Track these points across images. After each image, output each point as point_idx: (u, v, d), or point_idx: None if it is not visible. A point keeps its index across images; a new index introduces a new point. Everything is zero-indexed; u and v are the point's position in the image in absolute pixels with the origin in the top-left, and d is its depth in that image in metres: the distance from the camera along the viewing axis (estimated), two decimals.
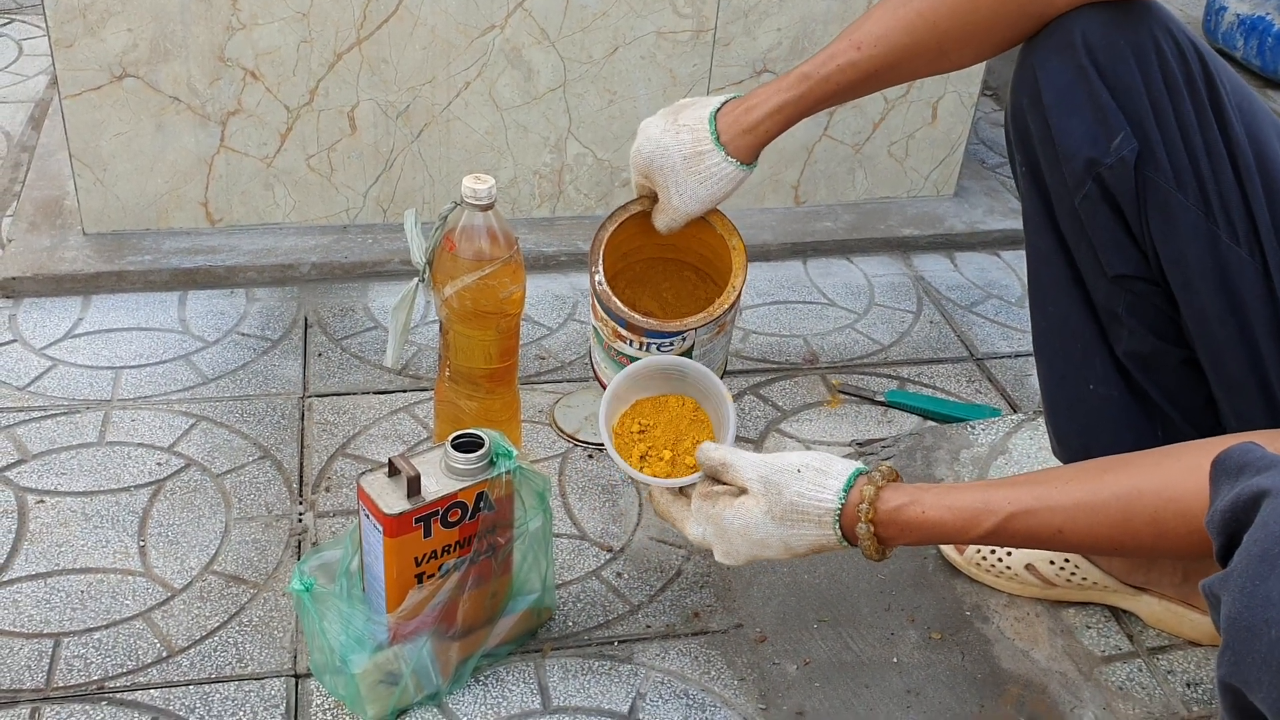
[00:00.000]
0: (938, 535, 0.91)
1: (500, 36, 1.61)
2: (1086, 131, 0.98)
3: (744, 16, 1.67)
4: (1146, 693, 1.13)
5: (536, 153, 1.71)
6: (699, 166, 1.09)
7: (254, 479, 1.30)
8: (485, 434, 1.02)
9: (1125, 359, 1.06)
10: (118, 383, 1.43)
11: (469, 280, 1.16)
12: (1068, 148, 1.00)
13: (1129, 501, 0.84)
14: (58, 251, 1.61)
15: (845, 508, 0.92)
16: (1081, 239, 1.04)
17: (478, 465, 1.00)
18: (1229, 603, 0.60)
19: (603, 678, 1.10)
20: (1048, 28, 1.01)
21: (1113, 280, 1.03)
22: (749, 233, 1.78)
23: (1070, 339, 1.08)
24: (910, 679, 1.12)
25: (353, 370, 1.48)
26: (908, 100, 1.80)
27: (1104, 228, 1.01)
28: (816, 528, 0.93)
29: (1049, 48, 1.00)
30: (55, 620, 1.12)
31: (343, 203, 1.69)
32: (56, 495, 1.26)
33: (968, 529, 0.89)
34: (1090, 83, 0.98)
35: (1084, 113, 0.99)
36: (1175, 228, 0.97)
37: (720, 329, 1.19)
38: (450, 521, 1.00)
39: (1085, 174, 0.99)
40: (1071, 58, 0.98)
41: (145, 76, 1.54)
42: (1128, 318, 1.04)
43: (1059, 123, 1.00)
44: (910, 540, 0.92)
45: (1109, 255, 1.02)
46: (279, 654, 1.10)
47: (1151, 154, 0.97)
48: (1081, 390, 1.09)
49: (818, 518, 0.93)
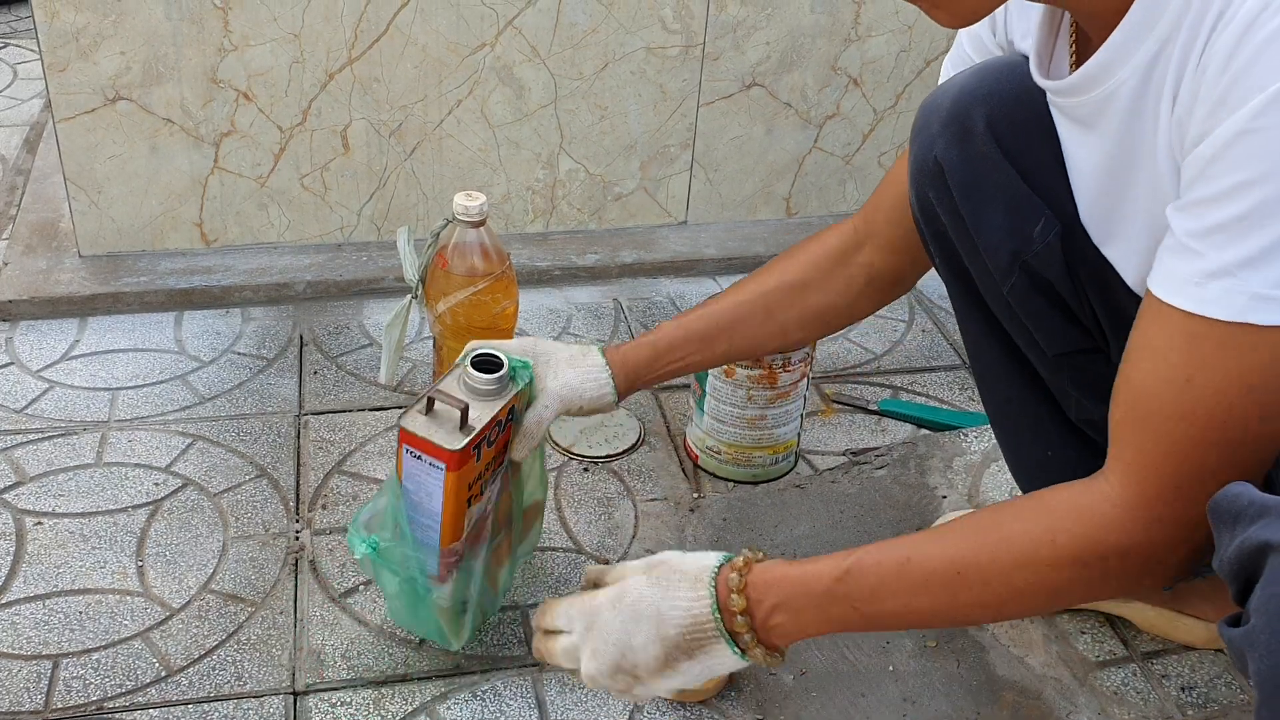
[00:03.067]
0: (795, 591, 0.83)
1: (491, 54, 1.62)
2: (1006, 223, 0.94)
3: (732, 31, 1.69)
4: (1141, 697, 1.13)
5: (529, 169, 1.72)
6: (580, 362, 1.07)
7: (251, 498, 1.30)
8: (497, 349, 1.03)
9: (1078, 423, 1.05)
10: (114, 404, 1.44)
11: (462, 296, 1.17)
12: (989, 242, 0.96)
13: (994, 512, 0.84)
14: (53, 274, 1.62)
15: (721, 568, 0.86)
16: (1015, 322, 1.01)
17: (503, 383, 1.01)
18: (1257, 660, 0.62)
19: (600, 692, 1.10)
20: (943, 111, 0.97)
21: (1054, 358, 1.01)
22: (741, 244, 1.80)
23: (1020, 414, 1.07)
24: (906, 687, 1.13)
25: (348, 387, 1.49)
26: (897, 111, 1.81)
27: (1040, 313, 0.98)
28: (691, 589, 0.85)
29: (949, 137, 0.96)
30: (54, 641, 1.13)
31: (337, 221, 1.70)
32: (54, 517, 1.27)
33: (820, 576, 0.83)
34: (1000, 171, 0.94)
35: (999, 204, 0.94)
36: (1111, 289, 0.93)
37: None
38: (491, 441, 1.01)
39: (1011, 265, 0.96)
40: (976, 147, 0.95)
41: (138, 99, 1.55)
42: (1074, 389, 1.02)
43: (973, 217, 0.96)
44: (773, 601, 0.83)
45: (1047, 338, 0.99)
46: (277, 672, 1.11)
47: (1074, 226, 0.93)
48: (1041, 456, 1.08)
49: (695, 575, 0.85)
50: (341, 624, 1.16)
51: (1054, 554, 0.78)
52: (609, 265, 1.74)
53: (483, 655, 1.13)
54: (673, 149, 1.76)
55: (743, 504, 1.33)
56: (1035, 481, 1.10)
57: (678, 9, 1.65)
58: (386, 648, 1.13)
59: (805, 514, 1.31)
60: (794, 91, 1.75)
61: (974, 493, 1.34)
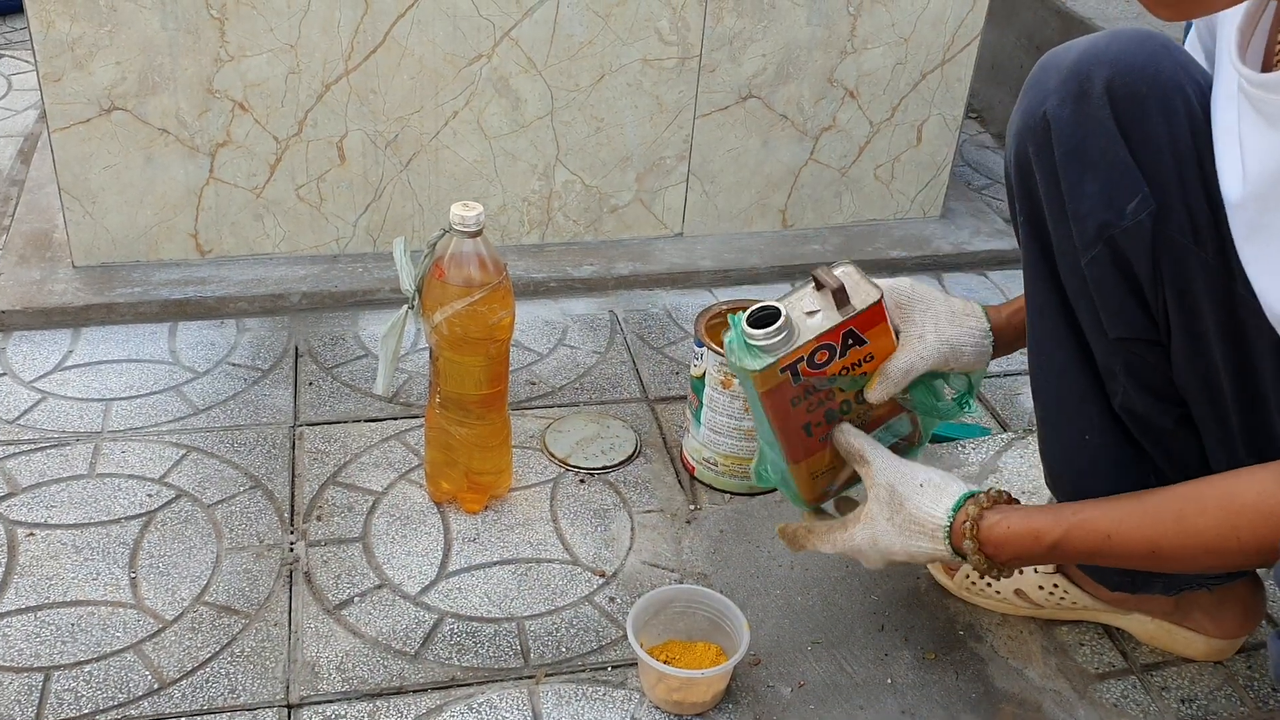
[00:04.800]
0: (1022, 548, 0.96)
1: (487, 66, 1.62)
2: (1101, 192, 0.92)
3: (728, 43, 1.69)
4: (1141, 709, 1.13)
5: (525, 180, 1.72)
6: (962, 320, 1.06)
7: (245, 509, 1.30)
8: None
9: (1121, 412, 1.03)
10: (108, 415, 1.43)
11: (458, 307, 1.17)
12: (1079, 209, 0.94)
13: (1184, 503, 0.89)
14: (47, 284, 1.62)
15: (954, 525, 0.98)
16: (1083, 296, 0.99)
17: (784, 333, 0.99)
18: None
19: (597, 703, 1.10)
20: (1064, 68, 0.94)
21: (1113, 341, 0.99)
22: (737, 256, 1.80)
23: (1066, 389, 1.06)
24: (905, 700, 1.12)
25: (343, 399, 1.48)
26: (893, 123, 1.81)
27: (1111, 292, 0.96)
28: (930, 541, 0.99)
29: (1065, 94, 0.94)
30: (45, 654, 1.12)
31: (332, 232, 1.69)
32: (47, 528, 1.26)
33: (1040, 538, 0.95)
34: (1109, 139, 0.91)
35: (1099, 171, 0.92)
36: (1191, 285, 0.92)
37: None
38: (818, 364, 1.02)
39: (1097, 237, 0.94)
40: (1089, 110, 0.92)
41: (134, 109, 1.55)
42: (1124, 376, 1.01)
43: (1071, 181, 0.94)
44: (1009, 554, 0.97)
45: (1111, 319, 0.98)
46: (271, 684, 1.10)
47: (1170, 211, 0.91)
48: (1076, 438, 1.07)
49: (930, 532, 0.99)
50: (336, 636, 1.15)
51: (1238, 546, 0.86)
52: (605, 277, 1.73)
53: (478, 667, 1.13)
54: (669, 161, 1.76)
55: (739, 515, 1.33)
56: (1064, 463, 1.09)
57: (674, 21, 1.65)
58: (381, 660, 1.13)
59: None
60: (790, 104, 1.76)
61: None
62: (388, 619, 1.17)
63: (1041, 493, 1.31)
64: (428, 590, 1.21)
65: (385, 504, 1.32)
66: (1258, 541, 0.85)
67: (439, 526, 1.29)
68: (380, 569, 1.23)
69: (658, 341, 1.64)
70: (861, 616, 1.21)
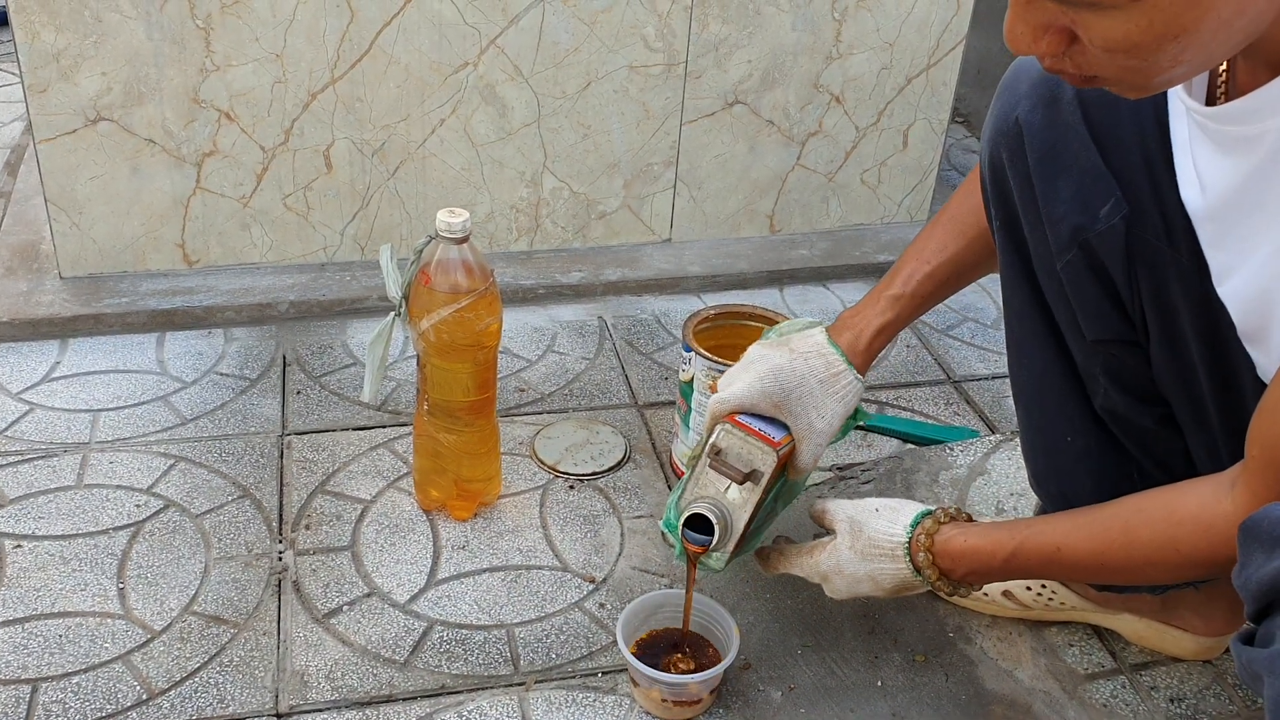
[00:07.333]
0: (978, 564, 0.98)
1: (474, 74, 1.62)
2: (1074, 196, 0.92)
3: (714, 50, 1.69)
4: (1131, 709, 1.13)
5: (512, 187, 1.72)
6: (835, 387, 1.07)
7: (233, 518, 1.29)
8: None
9: (1102, 413, 1.04)
10: (96, 425, 1.42)
11: (445, 313, 1.17)
12: (1053, 213, 0.94)
13: (1130, 514, 0.89)
14: (34, 295, 1.61)
15: (911, 542, 1.01)
16: (1060, 299, 1.00)
17: (720, 536, 1.05)
18: (1272, 685, 0.65)
19: (587, 709, 1.10)
20: (1034, 72, 0.94)
21: (1091, 343, 1.00)
22: (725, 261, 1.80)
23: (1047, 391, 1.06)
24: (895, 702, 1.12)
25: (331, 407, 1.48)
26: (879, 128, 1.82)
27: (1087, 294, 0.97)
28: (891, 562, 1.02)
29: (1036, 99, 0.94)
30: (33, 665, 1.11)
31: (320, 241, 1.69)
32: (34, 539, 1.25)
33: (995, 553, 0.97)
34: (1081, 143, 0.92)
35: (1072, 175, 0.93)
36: (1166, 287, 0.92)
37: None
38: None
39: (1071, 241, 0.94)
40: (1061, 115, 0.92)
41: (120, 120, 1.55)
42: (1104, 377, 1.02)
43: (1044, 185, 0.94)
44: (964, 570, 1.00)
45: (1089, 321, 0.99)
46: (260, 694, 1.09)
47: (1143, 214, 0.91)
48: (1058, 440, 1.08)
49: (890, 551, 1.01)
50: (325, 645, 1.15)
51: (1178, 558, 0.87)
52: (593, 283, 1.74)
53: (468, 675, 1.12)
54: (656, 167, 1.76)
55: None
56: (1048, 464, 1.10)
57: (660, 28, 1.65)
58: (371, 668, 1.12)
59: (791, 530, 1.31)
60: (776, 109, 1.76)
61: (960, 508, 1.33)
62: (377, 627, 1.17)
63: (1029, 494, 1.31)
64: (417, 598, 1.21)
65: (374, 512, 1.32)
66: (1197, 553, 0.85)
67: (428, 534, 1.29)
68: (369, 577, 1.23)
69: (646, 347, 1.64)
70: (851, 619, 1.21)
